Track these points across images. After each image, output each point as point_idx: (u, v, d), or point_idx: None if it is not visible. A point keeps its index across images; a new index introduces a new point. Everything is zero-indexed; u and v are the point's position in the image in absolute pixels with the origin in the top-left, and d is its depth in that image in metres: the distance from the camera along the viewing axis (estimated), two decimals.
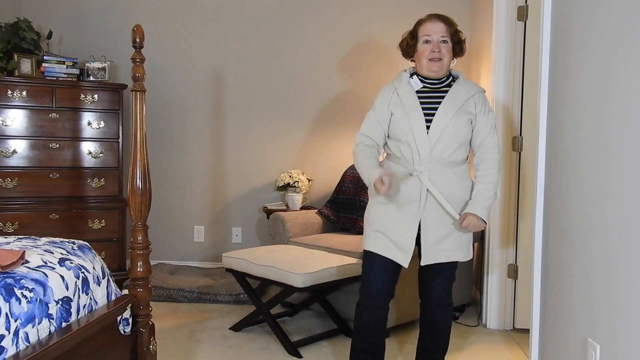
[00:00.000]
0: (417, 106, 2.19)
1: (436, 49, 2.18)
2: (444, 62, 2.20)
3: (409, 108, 2.20)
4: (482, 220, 2.16)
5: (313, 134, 4.32)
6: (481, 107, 2.23)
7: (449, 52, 2.21)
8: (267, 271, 2.93)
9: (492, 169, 2.23)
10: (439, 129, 2.16)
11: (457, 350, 2.94)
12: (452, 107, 2.18)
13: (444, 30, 2.19)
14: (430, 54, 2.19)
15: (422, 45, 2.21)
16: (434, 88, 2.25)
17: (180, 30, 4.36)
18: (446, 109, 2.18)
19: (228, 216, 4.42)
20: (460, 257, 2.25)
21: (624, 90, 1.68)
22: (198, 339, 3.02)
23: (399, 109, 2.22)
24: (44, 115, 3.75)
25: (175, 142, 4.40)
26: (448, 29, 2.20)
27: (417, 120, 2.18)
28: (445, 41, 2.19)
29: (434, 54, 2.18)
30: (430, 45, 2.19)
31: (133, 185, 2.02)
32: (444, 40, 2.19)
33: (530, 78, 3.11)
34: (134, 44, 1.99)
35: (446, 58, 2.20)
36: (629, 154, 1.64)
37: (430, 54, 2.19)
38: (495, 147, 2.24)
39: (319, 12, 4.31)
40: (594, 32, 1.89)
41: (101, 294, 1.85)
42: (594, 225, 1.85)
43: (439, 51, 2.18)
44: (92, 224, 3.84)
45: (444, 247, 2.21)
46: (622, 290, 1.66)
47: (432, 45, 2.19)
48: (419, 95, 2.22)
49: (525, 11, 3.17)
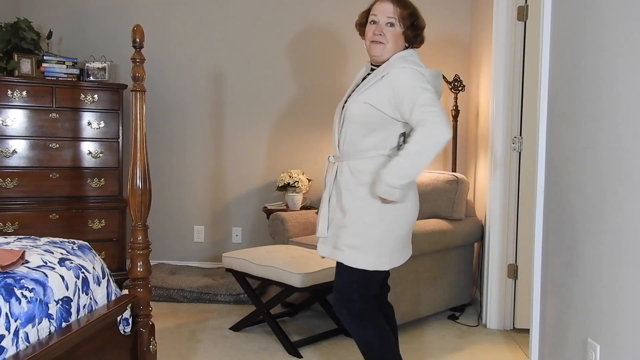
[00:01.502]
0: (347, 93, 2.10)
1: (379, 31, 1.98)
2: (386, 47, 1.98)
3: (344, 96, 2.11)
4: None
5: (313, 133, 4.32)
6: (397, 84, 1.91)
7: (394, 37, 1.98)
8: (267, 271, 2.93)
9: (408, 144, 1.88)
10: (345, 116, 2.01)
11: (457, 350, 2.94)
12: (360, 91, 1.99)
13: (392, 12, 1.98)
14: (372, 36, 1.99)
15: (369, 26, 2.03)
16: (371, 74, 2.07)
17: (180, 30, 4.36)
18: (355, 94, 2.01)
19: (228, 216, 4.42)
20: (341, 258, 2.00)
21: (624, 90, 1.68)
22: (198, 339, 3.02)
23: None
24: (44, 115, 3.75)
25: (175, 142, 4.40)
26: (398, 11, 1.98)
27: (338, 108, 2.09)
28: (392, 24, 1.98)
29: (375, 37, 1.99)
30: (375, 26, 2.00)
31: (133, 185, 2.02)
32: (390, 23, 1.98)
33: (530, 78, 3.11)
34: (134, 44, 1.99)
35: (389, 43, 1.98)
36: (629, 154, 1.64)
37: (373, 36, 1.99)
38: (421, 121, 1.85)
39: (320, 12, 4.31)
40: (594, 32, 1.89)
41: (101, 294, 1.85)
42: (594, 225, 1.85)
43: (381, 34, 1.98)
44: (92, 224, 3.84)
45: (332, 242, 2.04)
46: (622, 290, 1.66)
47: (376, 27, 1.99)
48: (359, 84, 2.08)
49: (525, 11, 3.17)
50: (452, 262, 3.41)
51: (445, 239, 3.24)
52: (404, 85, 1.91)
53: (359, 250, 1.98)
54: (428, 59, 4.13)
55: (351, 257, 1.99)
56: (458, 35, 4.14)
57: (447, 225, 3.29)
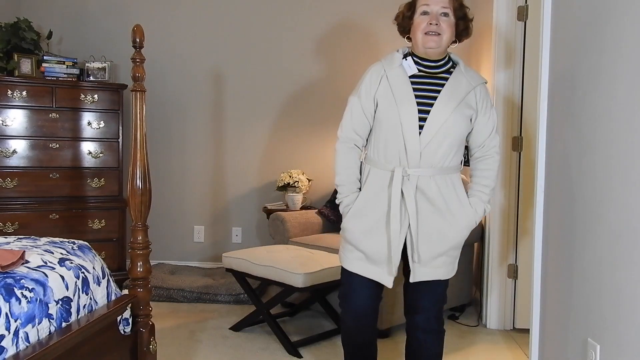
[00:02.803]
0: (410, 95, 1.87)
1: (434, 21, 1.86)
2: (442, 39, 1.88)
3: (400, 97, 1.87)
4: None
5: (313, 133, 4.32)
6: (483, 102, 1.93)
7: (450, 28, 1.89)
8: (267, 271, 2.93)
9: (491, 170, 1.98)
10: (435, 126, 1.85)
11: (457, 350, 2.94)
12: (453, 99, 1.87)
13: (447, 2, 1.88)
14: (427, 26, 1.86)
15: (419, 17, 1.89)
16: (431, 73, 1.93)
17: (180, 30, 4.36)
18: (446, 101, 1.86)
19: (228, 216, 4.42)
20: (445, 274, 1.97)
21: (624, 90, 1.68)
22: (198, 339, 3.02)
23: (387, 99, 1.89)
24: (44, 115, 3.75)
25: (175, 142, 4.40)
26: (451, 1, 1.89)
27: (409, 113, 1.85)
28: (446, 14, 1.88)
29: (431, 27, 1.86)
30: (428, 17, 1.88)
31: (133, 185, 2.02)
32: (444, 13, 1.88)
33: (530, 78, 3.11)
34: (134, 44, 1.99)
35: (446, 34, 1.88)
36: (629, 154, 1.64)
37: (427, 27, 1.86)
38: (496, 147, 1.98)
39: (320, 12, 4.31)
40: (594, 32, 1.89)
41: (101, 294, 1.85)
42: (594, 225, 1.85)
43: (437, 24, 1.86)
44: (92, 224, 3.84)
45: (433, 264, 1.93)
46: (622, 290, 1.66)
47: (431, 17, 1.87)
48: (412, 81, 1.90)
49: (525, 11, 3.17)
50: None
51: None
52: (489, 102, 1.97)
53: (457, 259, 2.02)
54: None
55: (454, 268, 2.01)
56: None
57: None
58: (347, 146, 1.99)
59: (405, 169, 1.87)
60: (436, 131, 1.85)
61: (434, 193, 1.88)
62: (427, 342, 2.02)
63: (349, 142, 1.99)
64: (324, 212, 3.82)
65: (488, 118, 1.95)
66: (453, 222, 1.91)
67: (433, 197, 1.88)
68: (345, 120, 2.00)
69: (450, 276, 1.99)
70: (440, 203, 1.89)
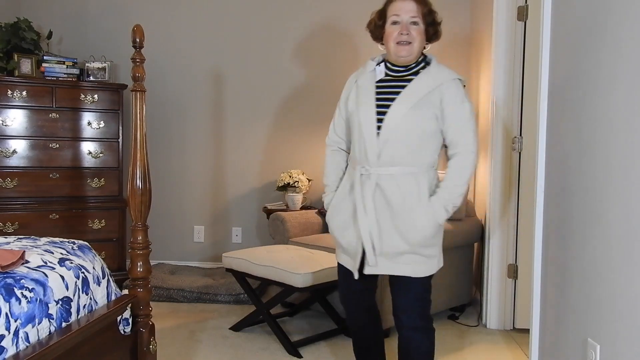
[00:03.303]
0: (370, 98, 1.96)
1: (405, 30, 1.92)
2: (413, 47, 1.94)
3: (362, 101, 1.98)
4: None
5: (313, 133, 4.32)
6: (451, 99, 1.93)
7: (420, 35, 1.95)
8: (267, 271, 2.93)
9: (456, 169, 1.95)
10: (390, 125, 1.91)
11: (457, 350, 2.94)
12: (411, 99, 1.91)
13: (415, 10, 1.94)
14: (398, 36, 1.93)
15: (390, 27, 1.96)
16: (398, 77, 1.99)
17: (180, 30, 4.36)
18: (403, 101, 1.91)
19: (228, 216, 4.42)
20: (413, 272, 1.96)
21: (624, 90, 1.68)
22: (198, 339, 3.02)
23: (353, 103, 2.01)
24: (44, 115, 3.75)
25: (175, 142, 4.40)
26: (420, 9, 1.95)
27: (367, 115, 1.94)
28: (416, 22, 1.94)
29: (402, 37, 1.92)
30: (398, 26, 1.94)
31: (133, 185, 2.02)
32: (414, 22, 1.94)
33: (530, 78, 3.11)
34: (134, 44, 1.99)
35: (417, 42, 1.94)
36: (629, 154, 1.64)
37: (398, 37, 1.93)
38: (469, 145, 1.95)
39: (320, 13, 4.31)
40: (594, 32, 1.89)
41: (101, 294, 1.85)
42: (594, 225, 1.85)
43: (407, 33, 1.92)
44: (92, 224, 3.84)
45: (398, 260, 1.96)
46: (622, 290, 1.66)
47: (401, 27, 1.93)
48: (379, 86, 1.99)
49: (525, 11, 3.17)
50: (452, 262, 3.40)
51: (445, 239, 3.23)
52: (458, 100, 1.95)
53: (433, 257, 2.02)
54: None
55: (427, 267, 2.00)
56: (458, 35, 4.14)
57: (447, 225, 3.29)
58: (331, 149, 2.20)
59: (366, 168, 1.96)
60: (392, 130, 1.92)
61: (393, 192, 1.93)
62: (414, 339, 2.04)
63: (333, 145, 2.20)
64: (323, 212, 3.81)
65: (456, 114, 1.94)
66: (410, 221, 1.93)
67: (390, 196, 1.93)
68: (331, 125, 2.20)
69: (421, 274, 1.99)
70: (398, 202, 1.93)
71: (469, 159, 1.96)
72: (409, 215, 1.93)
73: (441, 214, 1.94)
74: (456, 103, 1.94)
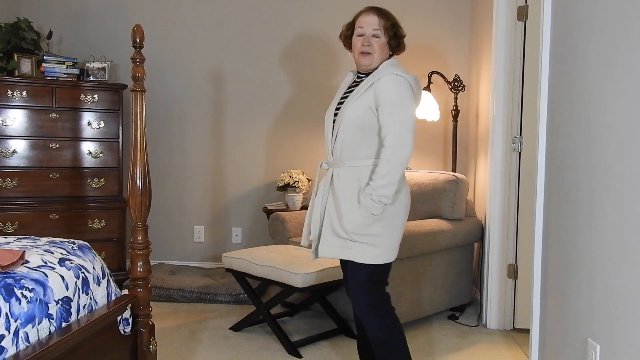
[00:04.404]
0: (335, 101, 2.22)
1: (366, 42, 2.14)
2: (373, 57, 2.14)
3: (330, 104, 2.24)
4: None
5: (313, 133, 4.32)
6: (382, 92, 2.05)
7: (381, 47, 2.14)
8: (267, 271, 2.93)
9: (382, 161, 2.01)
10: (338, 122, 2.13)
11: (457, 350, 2.94)
12: (352, 98, 2.12)
13: (377, 24, 2.14)
14: (361, 47, 2.15)
15: (355, 38, 2.18)
16: (359, 82, 2.21)
17: (180, 30, 4.36)
18: (348, 101, 2.13)
19: (228, 216, 4.42)
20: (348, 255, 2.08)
21: (624, 90, 1.68)
22: (198, 339, 3.02)
23: None
24: (44, 115, 3.75)
25: (175, 142, 4.40)
26: (382, 23, 2.14)
27: (328, 116, 2.21)
28: (377, 35, 2.14)
29: (363, 47, 2.14)
30: (362, 38, 2.15)
31: (133, 185, 2.02)
32: (375, 35, 2.14)
33: (530, 78, 3.11)
34: (134, 44, 2.00)
35: (377, 53, 2.14)
36: (629, 154, 1.64)
37: (361, 47, 2.15)
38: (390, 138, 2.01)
39: (319, 14, 4.31)
40: (594, 32, 1.89)
41: (101, 294, 1.85)
42: (594, 224, 1.85)
43: (369, 45, 2.13)
44: (92, 224, 3.84)
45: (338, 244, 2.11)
46: (622, 290, 1.66)
47: (364, 39, 2.14)
48: (346, 91, 2.22)
49: (525, 11, 3.17)
50: (452, 262, 3.41)
51: (446, 239, 3.24)
52: (389, 92, 2.05)
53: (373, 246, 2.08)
54: (428, 59, 4.15)
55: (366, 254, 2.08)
56: (458, 36, 4.14)
57: (447, 225, 3.29)
58: None
59: (328, 163, 2.19)
60: (339, 129, 2.12)
61: (337, 185, 2.13)
62: (367, 326, 2.15)
63: None
64: None
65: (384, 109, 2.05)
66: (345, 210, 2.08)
67: (336, 188, 2.13)
68: None
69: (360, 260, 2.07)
70: (340, 194, 2.11)
71: (387, 152, 2.02)
72: (345, 205, 2.09)
73: (368, 204, 2.02)
74: (386, 96, 2.05)
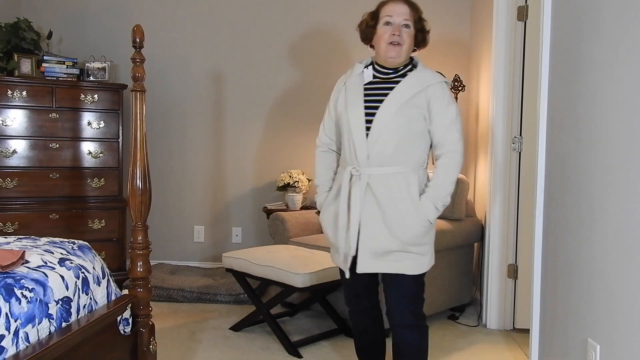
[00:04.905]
0: (359, 100, 2.02)
1: (397, 32, 1.98)
2: (403, 48, 1.99)
3: (351, 103, 2.03)
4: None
5: (313, 133, 4.30)
6: (437, 101, 1.98)
7: (410, 39, 2.01)
8: (267, 271, 2.93)
9: (444, 168, 2.00)
10: (378, 127, 1.96)
11: (457, 350, 2.94)
12: (398, 101, 1.97)
13: (408, 14, 2.00)
14: (390, 37, 1.98)
15: (382, 28, 2.01)
16: (386, 79, 2.04)
17: (180, 30, 4.36)
18: (391, 103, 1.97)
19: (228, 216, 4.42)
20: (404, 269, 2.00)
21: (624, 90, 1.68)
22: (198, 339, 3.02)
23: (342, 106, 2.07)
24: (44, 115, 3.75)
25: (175, 142, 4.40)
26: (412, 14, 2.01)
27: (356, 116, 2.00)
28: (407, 25, 2.00)
29: (394, 37, 1.97)
30: (390, 27, 1.99)
31: (133, 185, 2.02)
32: (406, 24, 2.00)
33: (530, 78, 3.11)
34: (134, 44, 1.99)
35: (406, 44, 1.99)
36: (629, 154, 1.64)
37: (390, 37, 1.98)
38: (454, 144, 2.00)
39: (320, 13, 4.31)
40: (594, 32, 1.89)
41: (101, 294, 1.85)
42: (594, 225, 1.85)
43: (399, 35, 1.98)
44: (92, 224, 3.84)
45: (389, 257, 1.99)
46: (622, 290, 1.66)
47: (394, 28, 1.98)
48: (367, 88, 2.04)
49: (525, 11, 3.17)
50: (452, 262, 3.40)
51: (445, 239, 3.24)
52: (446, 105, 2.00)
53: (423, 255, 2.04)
54: (428, 59, 4.13)
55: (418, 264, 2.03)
56: (458, 35, 4.14)
57: (447, 225, 3.29)
58: (322, 150, 2.25)
59: (356, 168, 2.01)
60: (380, 132, 1.96)
61: (382, 192, 1.98)
62: (406, 336, 2.08)
63: (323, 146, 2.24)
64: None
65: (443, 115, 1.99)
66: (400, 219, 1.97)
67: (380, 196, 1.98)
68: (321, 127, 2.26)
69: (412, 272, 2.02)
70: (387, 201, 1.98)
71: (455, 158, 2.01)
72: (398, 213, 1.97)
73: (431, 212, 1.98)
74: (442, 105, 1.99)
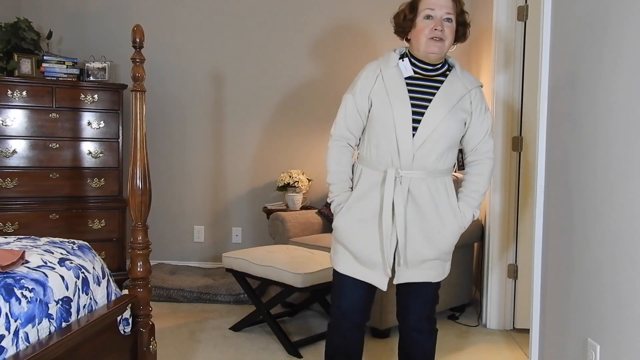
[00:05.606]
0: (405, 96, 1.85)
1: (439, 26, 1.83)
2: (445, 44, 1.86)
3: (395, 98, 1.85)
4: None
5: (313, 133, 4.32)
6: (477, 106, 1.91)
7: (452, 34, 1.87)
8: (267, 271, 2.93)
9: (483, 175, 1.95)
10: (429, 128, 1.83)
11: (457, 350, 2.94)
12: (448, 102, 1.86)
13: (451, 7, 1.85)
14: (432, 32, 1.83)
15: (423, 21, 1.86)
16: (427, 76, 1.91)
17: (180, 30, 4.36)
18: (441, 104, 1.85)
19: (228, 216, 4.42)
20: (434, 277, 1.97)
21: (624, 90, 1.68)
22: (198, 339, 3.02)
23: (381, 98, 1.87)
24: (44, 115, 3.75)
25: (175, 142, 4.40)
26: (455, 7, 1.87)
27: (403, 114, 1.84)
28: (450, 19, 1.85)
29: (436, 32, 1.83)
30: (432, 21, 1.84)
31: (133, 185, 2.02)
32: (448, 19, 1.85)
33: (530, 78, 3.11)
34: (134, 44, 1.99)
35: (448, 40, 1.86)
36: (629, 154, 1.64)
37: (432, 32, 1.83)
38: (489, 152, 1.95)
39: (320, 13, 4.31)
40: (594, 32, 1.89)
41: (101, 294, 1.85)
42: (594, 225, 1.85)
43: (442, 30, 1.83)
44: (92, 224, 3.84)
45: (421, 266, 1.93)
46: (622, 290, 1.66)
47: (435, 22, 1.83)
48: (409, 83, 1.89)
49: (525, 11, 3.17)
50: (452, 262, 3.38)
51: None
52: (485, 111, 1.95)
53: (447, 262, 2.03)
54: None
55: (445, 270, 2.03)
56: None
57: None
58: (340, 144, 1.98)
59: (397, 171, 1.85)
60: (429, 133, 1.84)
61: (425, 197, 1.87)
62: (420, 341, 2.03)
63: (341, 140, 1.98)
64: (323, 212, 3.82)
65: (482, 122, 1.93)
66: (441, 227, 1.90)
67: (423, 201, 1.87)
68: (339, 118, 1.98)
69: (440, 279, 2.00)
70: (430, 208, 1.88)
71: (491, 166, 1.98)
72: (440, 221, 1.89)
73: (469, 219, 1.96)
74: (482, 110, 1.94)
